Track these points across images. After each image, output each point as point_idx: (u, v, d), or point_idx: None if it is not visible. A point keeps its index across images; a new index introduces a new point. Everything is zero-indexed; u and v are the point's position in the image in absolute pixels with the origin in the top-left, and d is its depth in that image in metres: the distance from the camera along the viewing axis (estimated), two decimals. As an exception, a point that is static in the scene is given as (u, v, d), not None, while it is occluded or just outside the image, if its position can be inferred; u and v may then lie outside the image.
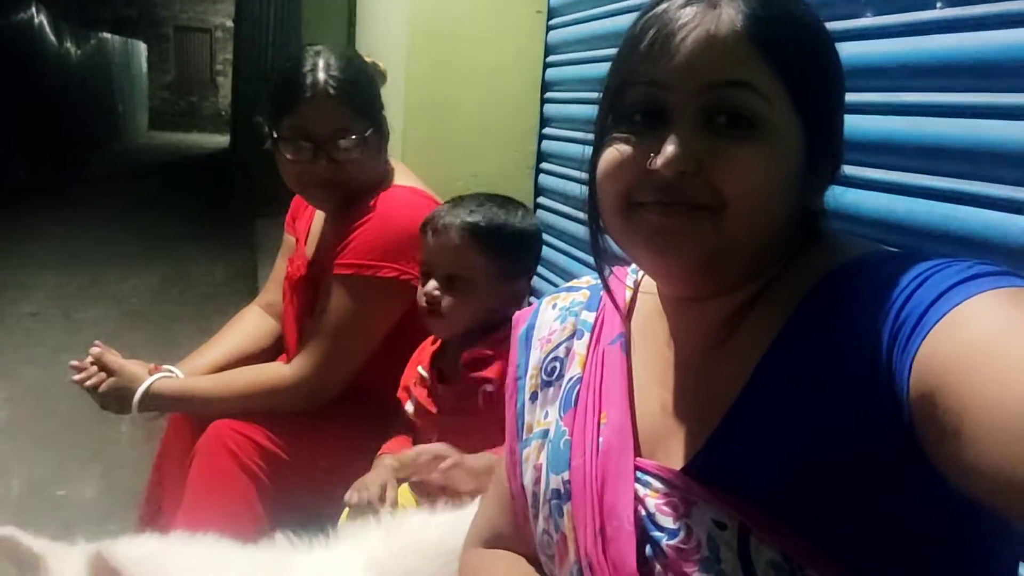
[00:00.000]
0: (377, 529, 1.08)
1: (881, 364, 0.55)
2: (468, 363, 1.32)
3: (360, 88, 1.49)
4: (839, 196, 0.70)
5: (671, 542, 0.63)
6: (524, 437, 0.81)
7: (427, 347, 1.43)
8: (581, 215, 2.06)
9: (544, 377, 0.81)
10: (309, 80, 1.44)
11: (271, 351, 1.75)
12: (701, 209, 0.63)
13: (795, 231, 0.67)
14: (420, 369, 1.40)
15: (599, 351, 0.78)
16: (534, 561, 0.82)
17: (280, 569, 1.00)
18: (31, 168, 8.60)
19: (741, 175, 0.62)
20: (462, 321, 1.34)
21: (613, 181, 0.67)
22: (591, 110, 2.22)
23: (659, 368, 0.74)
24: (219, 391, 1.50)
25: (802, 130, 0.64)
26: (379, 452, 1.42)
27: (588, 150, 0.71)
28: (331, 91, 1.43)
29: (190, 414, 1.56)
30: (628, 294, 0.80)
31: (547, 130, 2.15)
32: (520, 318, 0.88)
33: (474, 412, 1.29)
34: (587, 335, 0.80)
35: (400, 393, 1.44)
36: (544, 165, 2.17)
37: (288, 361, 1.57)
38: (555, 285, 2.09)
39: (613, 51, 2.09)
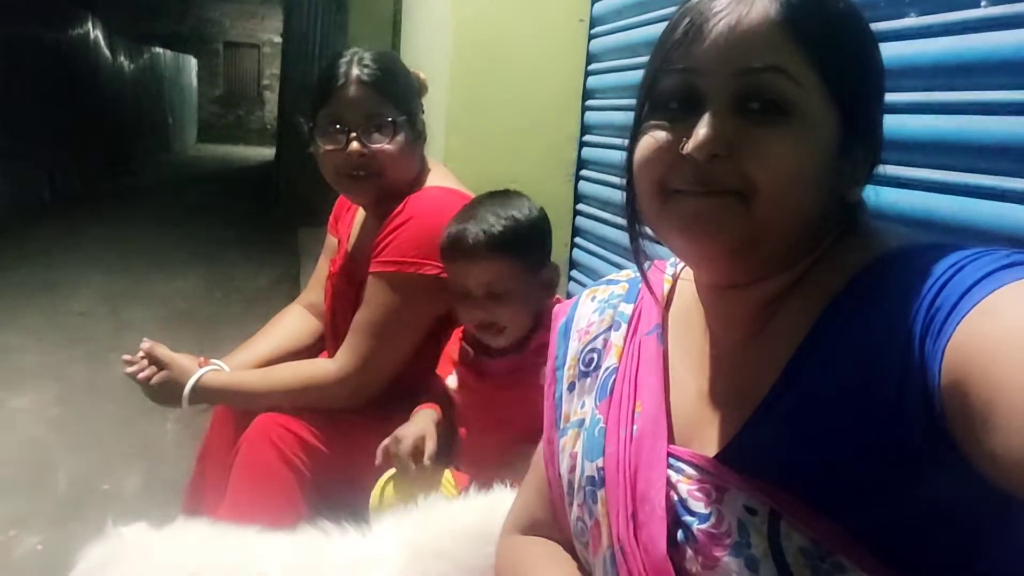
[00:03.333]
0: (411, 513, 1.09)
1: (914, 353, 0.55)
2: (537, 349, 1.32)
3: (391, 77, 1.52)
4: (881, 195, 0.70)
5: (702, 527, 0.64)
6: (561, 426, 0.83)
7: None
8: (621, 221, 2.06)
9: (582, 368, 0.83)
10: (343, 70, 1.49)
11: (313, 349, 1.78)
12: (733, 194, 0.63)
13: (831, 221, 0.67)
14: (465, 343, 1.41)
15: (636, 342, 0.79)
16: (569, 548, 0.83)
17: (318, 553, 1.03)
18: (84, 178, 8.86)
19: (771, 160, 0.62)
20: (518, 326, 1.35)
21: (649, 168, 0.68)
22: (631, 117, 2.22)
23: (695, 357, 0.74)
24: (265, 385, 1.53)
25: (837, 118, 0.64)
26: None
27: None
28: (364, 78, 1.48)
29: (236, 407, 1.60)
30: (667, 286, 0.81)
31: (587, 137, 2.16)
32: (560, 311, 0.90)
33: (526, 390, 1.28)
34: (624, 326, 0.81)
35: (441, 368, 1.45)
36: (584, 172, 2.18)
37: (329, 358, 1.61)
38: (593, 291, 2.10)
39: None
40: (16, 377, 3.48)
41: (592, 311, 0.85)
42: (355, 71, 1.49)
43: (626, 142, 0.72)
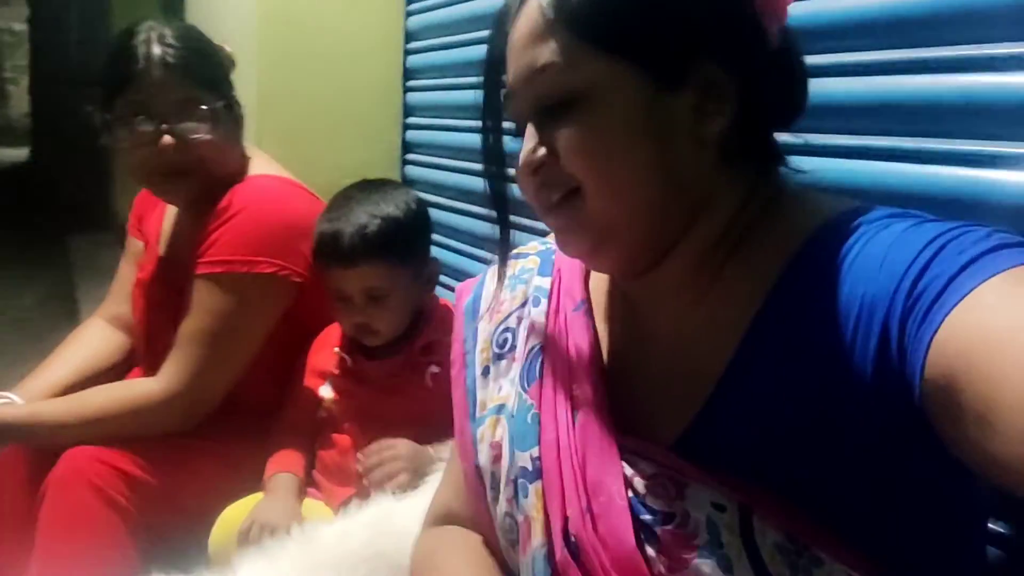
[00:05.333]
0: (284, 550, 0.97)
1: (892, 338, 0.52)
2: (424, 348, 1.28)
3: (201, 56, 1.34)
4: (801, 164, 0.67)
5: (666, 527, 0.58)
6: (477, 415, 0.75)
7: (335, 330, 1.36)
8: (454, 204, 1.99)
9: (496, 350, 0.76)
10: (142, 51, 1.27)
11: (121, 367, 1.56)
12: (568, 197, 0.63)
13: (714, 169, 0.62)
14: (338, 351, 1.32)
15: (560, 319, 0.72)
16: (489, 543, 0.76)
17: None
18: None
19: (574, 152, 0.61)
20: (396, 327, 1.29)
21: (521, 189, 0.68)
22: (457, 96, 2.16)
23: (628, 336, 0.69)
24: (73, 415, 1.29)
25: (638, 72, 0.59)
26: (268, 468, 1.30)
27: (454, 137, 0.69)
28: (169, 59, 1.28)
29: (33, 445, 1.34)
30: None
31: (411, 119, 2.08)
32: (464, 289, 0.83)
33: (415, 392, 1.26)
34: (544, 301, 0.74)
35: (310, 379, 1.34)
36: (410, 156, 2.09)
37: (144, 375, 1.40)
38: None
39: (475, 35, 2.04)
40: None
41: (501, 288, 0.79)
42: (156, 50, 1.28)
43: (453, 122, 0.74)
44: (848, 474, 0.55)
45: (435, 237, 1.97)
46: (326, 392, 1.32)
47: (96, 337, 1.58)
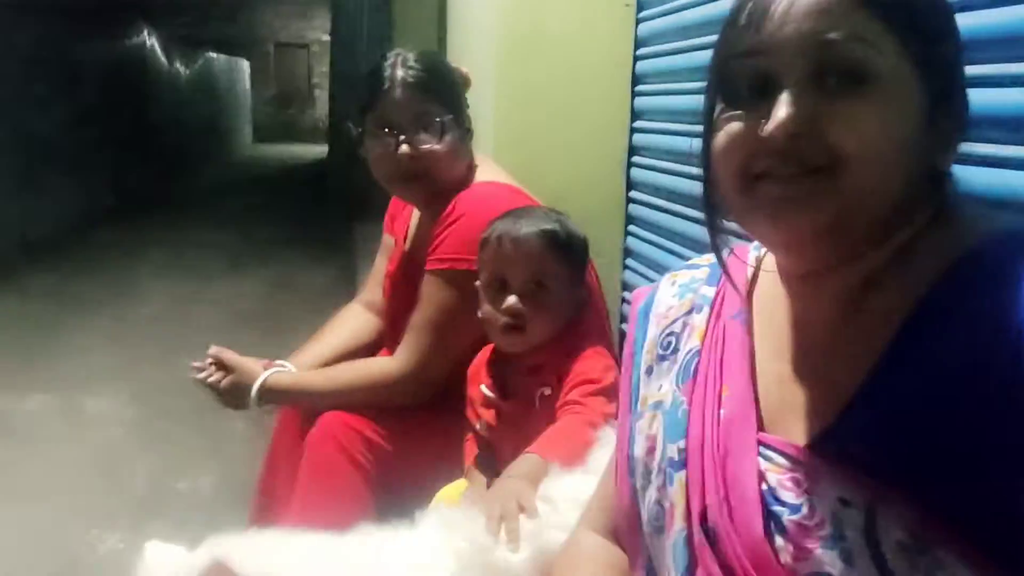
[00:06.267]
0: (464, 518, 1.09)
1: None
2: (531, 370, 1.33)
3: (436, 77, 1.54)
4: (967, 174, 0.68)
5: (793, 517, 0.63)
6: (638, 410, 0.82)
7: (482, 363, 1.43)
8: (673, 207, 2.02)
9: (660, 352, 0.82)
10: (388, 74, 1.51)
11: (373, 347, 1.81)
12: (819, 172, 0.61)
13: (922, 193, 0.64)
14: (484, 389, 1.39)
15: (720, 325, 0.77)
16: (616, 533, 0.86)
17: (375, 555, 1.04)
18: (146, 183, 9.13)
19: (858, 131, 0.60)
20: (544, 333, 1.33)
21: (729, 156, 0.66)
22: (683, 101, 2.16)
23: (780, 342, 0.73)
24: (328, 385, 1.56)
25: (919, 81, 0.61)
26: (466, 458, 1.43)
27: (680, 141, 0.71)
28: (409, 80, 1.50)
29: (301, 407, 1.64)
30: (749, 272, 0.79)
31: (638, 123, 2.13)
32: (639, 295, 0.90)
33: (535, 419, 1.27)
34: (706, 308, 0.80)
35: (469, 412, 1.44)
36: (636, 159, 2.15)
37: (390, 355, 1.62)
38: (646, 279, 2.07)
39: (704, 40, 2.03)
40: (90, 379, 3.62)
41: (672, 295, 0.85)
42: (400, 73, 1.50)
43: (679, 127, 0.74)
44: (977, 483, 0.55)
45: (655, 239, 2.03)
46: (482, 430, 1.40)
47: (354, 320, 1.85)
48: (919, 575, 0.56)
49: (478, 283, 1.39)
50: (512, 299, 1.30)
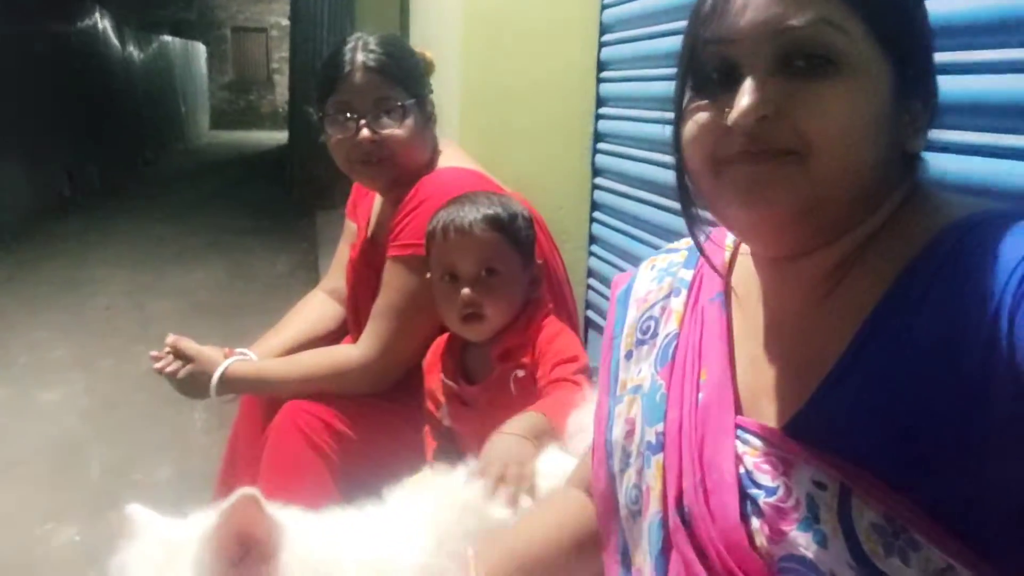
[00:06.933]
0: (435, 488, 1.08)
1: (1001, 333, 0.53)
2: (501, 356, 1.32)
3: (397, 61, 1.52)
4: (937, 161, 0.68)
5: (769, 500, 0.63)
6: (617, 393, 0.83)
7: (439, 353, 1.42)
8: (640, 194, 2.02)
9: (639, 336, 0.83)
10: (348, 57, 1.49)
11: (336, 334, 1.79)
12: (788, 155, 0.61)
13: (893, 176, 0.64)
14: (444, 378, 1.38)
15: (698, 308, 0.77)
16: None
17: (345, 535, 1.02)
18: (102, 171, 8.91)
19: (826, 114, 0.60)
20: (504, 317, 1.32)
21: (698, 145, 0.66)
22: (648, 88, 2.16)
23: (756, 326, 0.73)
24: (290, 373, 1.54)
25: (887, 63, 0.61)
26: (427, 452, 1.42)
27: (645, 128, 0.70)
28: (369, 64, 1.47)
29: (263, 396, 1.61)
30: (727, 254, 0.80)
31: (603, 110, 2.13)
32: (620, 281, 0.90)
33: (509, 403, 1.26)
34: (684, 292, 0.80)
35: (428, 404, 1.42)
36: (601, 145, 2.15)
37: (353, 343, 1.60)
38: (613, 265, 2.08)
39: (669, 26, 2.02)
40: (45, 371, 3.53)
41: (651, 279, 0.85)
42: (360, 57, 1.48)
43: (644, 113, 0.73)
44: (951, 463, 0.56)
45: (620, 226, 2.03)
46: (445, 419, 1.39)
47: (317, 308, 1.83)
48: (893, 557, 0.56)
49: (428, 276, 1.37)
50: (466, 291, 1.29)
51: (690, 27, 0.67)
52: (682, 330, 0.77)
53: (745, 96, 0.61)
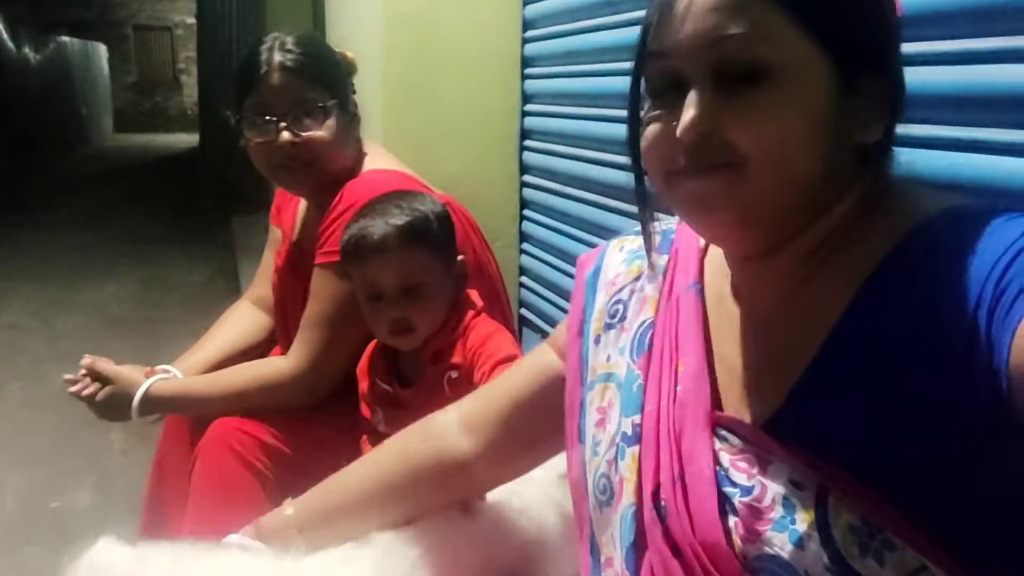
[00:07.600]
0: None
1: (980, 331, 0.53)
2: (432, 357, 1.30)
3: (317, 61, 1.46)
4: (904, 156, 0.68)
5: (744, 499, 0.62)
6: (588, 380, 0.81)
7: (371, 357, 1.39)
8: (568, 191, 2.02)
9: (607, 320, 0.81)
10: (265, 58, 1.42)
11: (264, 345, 1.72)
12: (726, 168, 0.62)
13: (845, 171, 0.64)
14: (380, 382, 1.35)
15: (673, 296, 0.76)
16: (483, 472, 0.95)
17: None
18: (-3, 178, 8.43)
19: (753, 129, 0.60)
20: (434, 324, 1.30)
21: (651, 156, 0.67)
22: (573, 84, 2.16)
23: (734, 319, 0.72)
24: (217, 390, 1.47)
25: (828, 63, 0.61)
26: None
27: (570, 124, 0.68)
28: (287, 64, 1.41)
29: (189, 415, 1.54)
30: (701, 242, 0.79)
31: (529, 106, 2.12)
32: (587, 261, 0.88)
33: (444, 404, 1.22)
34: (659, 278, 0.79)
35: (364, 408, 1.39)
36: (527, 142, 2.14)
37: (283, 354, 1.55)
38: (543, 262, 2.08)
39: (592, 22, 2.03)
40: (-55, 396, 3.31)
41: (620, 261, 0.84)
42: (277, 57, 1.42)
43: (570, 109, 0.73)
44: (929, 463, 0.56)
45: (550, 223, 2.03)
46: (380, 425, 1.35)
47: (243, 319, 1.75)
48: (868, 558, 0.56)
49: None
50: (392, 310, 1.27)
51: (640, 37, 0.68)
52: (658, 319, 0.76)
53: (688, 110, 0.62)
